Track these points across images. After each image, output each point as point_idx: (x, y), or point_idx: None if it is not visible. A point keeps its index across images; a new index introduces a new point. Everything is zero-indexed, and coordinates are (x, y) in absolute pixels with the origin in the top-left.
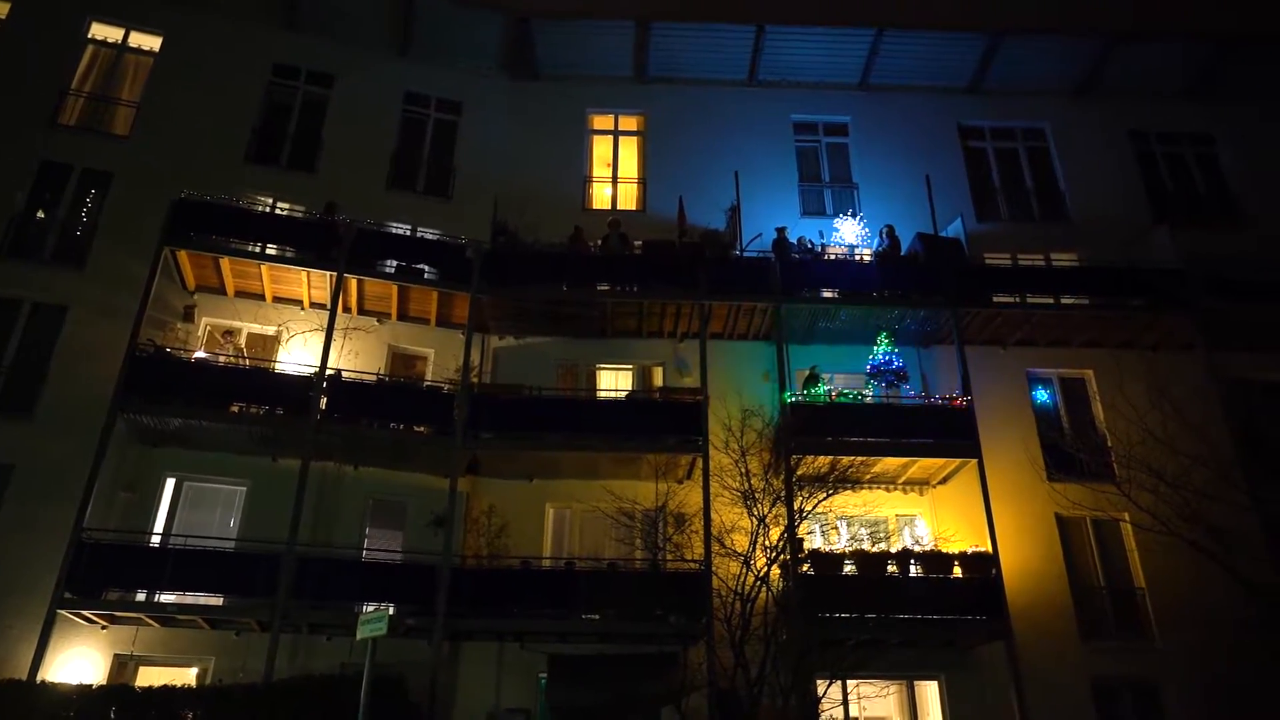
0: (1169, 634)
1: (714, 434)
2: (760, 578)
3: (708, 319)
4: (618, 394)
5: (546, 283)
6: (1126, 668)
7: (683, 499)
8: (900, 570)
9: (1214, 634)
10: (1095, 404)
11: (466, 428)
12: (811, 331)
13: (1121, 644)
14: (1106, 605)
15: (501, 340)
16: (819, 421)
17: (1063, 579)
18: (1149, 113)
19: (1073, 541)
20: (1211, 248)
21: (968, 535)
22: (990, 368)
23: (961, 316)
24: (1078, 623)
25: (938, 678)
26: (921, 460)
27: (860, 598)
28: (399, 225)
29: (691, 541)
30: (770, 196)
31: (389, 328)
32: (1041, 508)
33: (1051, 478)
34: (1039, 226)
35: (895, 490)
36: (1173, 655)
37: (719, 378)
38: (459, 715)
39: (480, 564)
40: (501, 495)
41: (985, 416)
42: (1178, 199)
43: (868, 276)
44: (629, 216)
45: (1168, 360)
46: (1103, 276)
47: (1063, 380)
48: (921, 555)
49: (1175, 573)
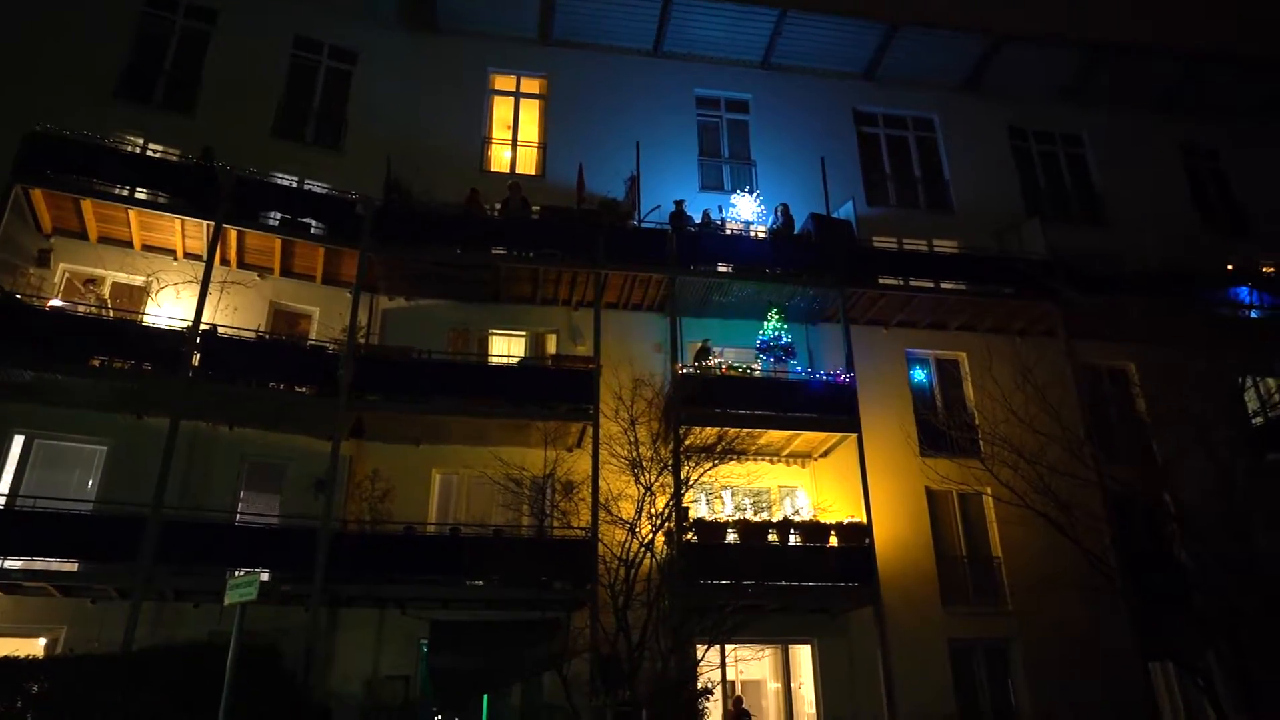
0: (1019, 599)
1: (605, 403)
2: (645, 545)
3: (603, 288)
4: (510, 360)
5: (440, 244)
6: (981, 630)
7: (571, 466)
8: (780, 539)
9: (1058, 598)
10: (966, 384)
11: (351, 389)
12: (705, 305)
13: (978, 608)
14: (966, 573)
15: (391, 301)
16: (708, 393)
17: (929, 548)
18: (1027, 111)
19: (940, 513)
20: (1075, 241)
21: (845, 506)
22: (873, 347)
23: (849, 296)
24: (940, 589)
25: (811, 641)
26: (805, 434)
27: (741, 565)
28: (284, 176)
29: (579, 509)
30: (670, 169)
31: (271, 283)
32: (913, 481)
33: (924, 453)
34: (924, 214)
35: (779, 462)
36: (1021, 618)
37: (612, 347)
38: (336, 683)
39: (363, 529)
40: (387, 459)
41: (866, 393)
42: (1049, 194)
43: (762, 253)
44: (528, 181)
45: (1032, 345)
46: (980, 264)
47: (938, 361)
48: (801, 525)
49: (1028, 542)
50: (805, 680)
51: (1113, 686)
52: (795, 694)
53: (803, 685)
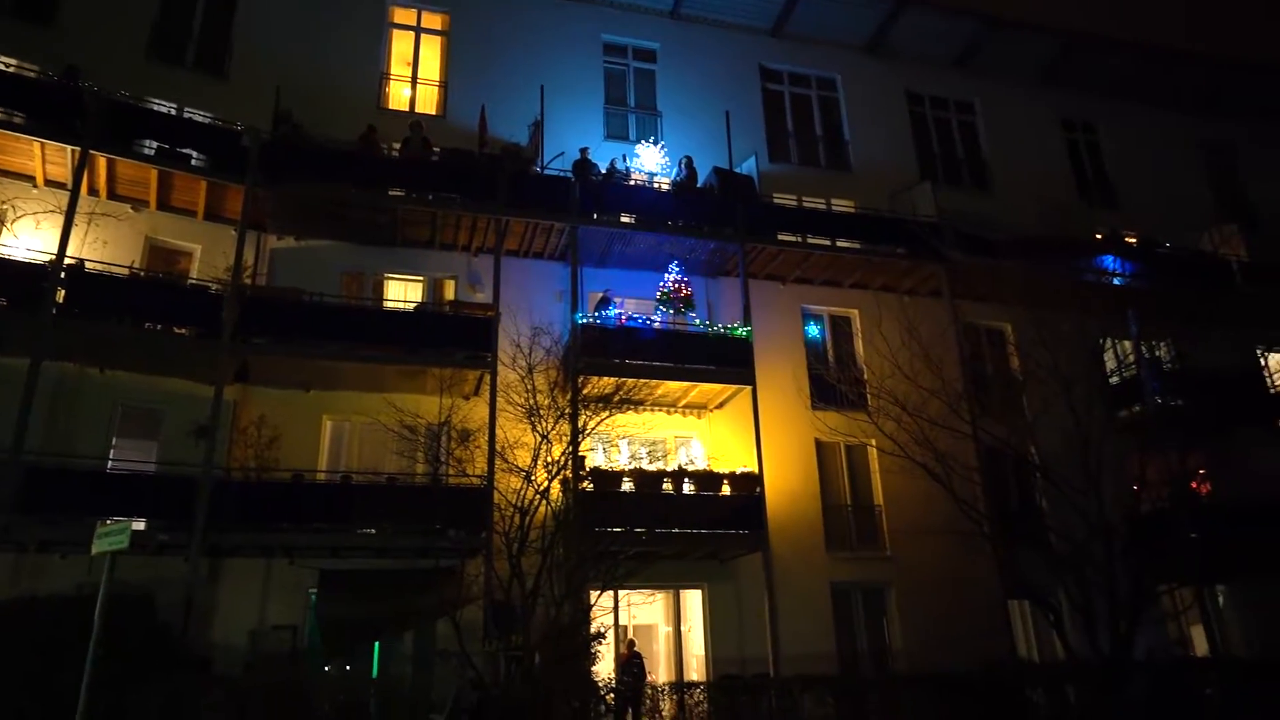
0: (897, 544)
1: (503, 351)
2: (541, 493)
3: (504, 234)
4: (406, 305)
5: (334, 182)
6: (861, 573)
7: (468, 414)
8: (675, 488)
9: (932, 543)
10: (857, 340)
11: (236, 332)
12: (607, 255)
13: (859, 553)
14: (850, 520)
15: (280, 241)
16: (608, 344)
17: (816, 497)
18: (925, 77)
19: (827, 463)
20: (963, 205)
21: (738, 456)
22: (770, 302)
23: (748, 251)
24: (825, 535)
25: (701, 586)
26: (702, 385)
27: (636, 513)
28: (162, 102)
29: (475, 457)
30: (575, 116)
31: (147, 217)
32: (804, 433)
33: (815, 406)
34: (824, 172)
35: (675, 413)
36: (898, 562)
37: (512, 295)
38: (219, 634)
39: (247, 477)
40: (274, 405)
41: (762, 347)
42: (941, 159)
43: (665, 205)
44: (428, 122)
45: (919, 304)
46: (874, 224)
47: (831, 317)
48: (695, 474)
49: (907, 491)
50: (695, 624)
51: (977, 623)
52: (685, 637)
53: (692, 629)
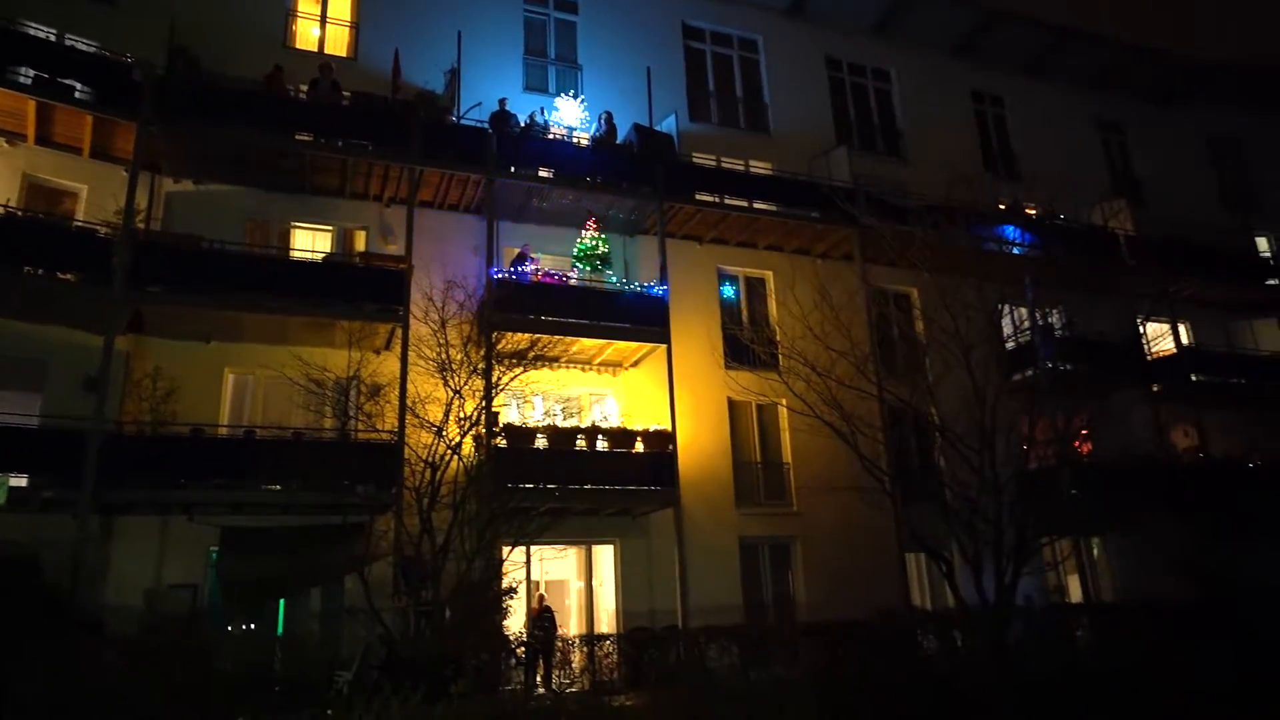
0: (803, 500)
1: (416, 304)
2: (453, 448)
3: (418, 185)
4: (314, 255)
5: (236, 124)
6: (769, 528)
7: (378, 368)
8: (589, 444)
9: (836, 499)
10: (770, 301)
11: (129, 279)
12: (524, 209)
13: (767, 509)
14: (759, 477)
15: (177, 184)
16: (523, 299)
17: (727, 454)
18: (844, 43)
19: (739, 421)
20: (876, 172)
21: (652, 414)
22: (687, 261)
23: (666, 210)
24: (735, 492)
25: (614, 542)
26: (617, 343)
27: (549, 469)
28: (39, 27)
29: (385, 412)
30: (493, 65)
31: (24, 152)
32: (717, 392)
33: (728, 365)
34: (743, 134)
35: (590, 370)
36: (805, 517)
37: (426, 247)
38: (113, 595)
39: (142, 431)
40: (171, 357)
41: (678, 306)
42: (858, 125)
43: (584, 160)
44: (338, 64)
45: (831, 267)
46: (791, 188)
47: (746, 279)
48: (609, 431)
49: (814, 449)
50: (607, 579)
51: (876, 574)
52: (597, 592)
53: (604, 584)
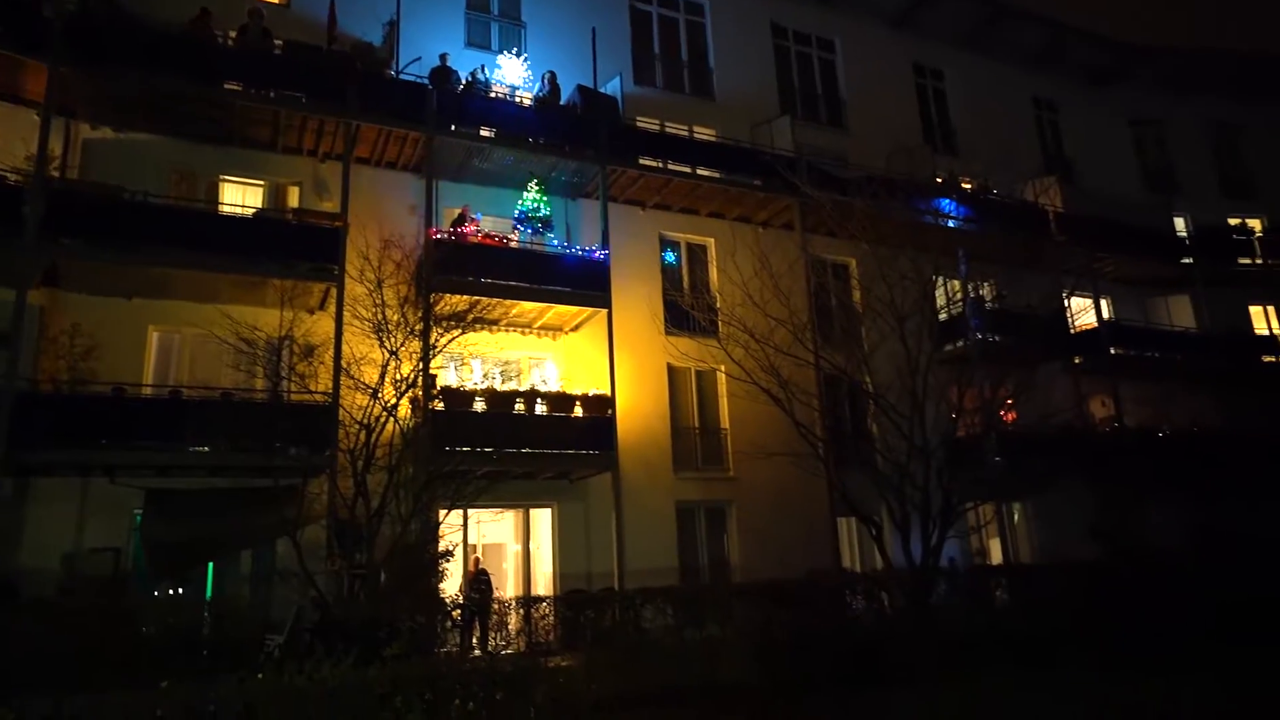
0: (740, 465)
1: (351, 263)
2: (389, 410)
3: (354, 140)
4: (245, 210)
5: (159, 69)
6: (705, 493)
7: (311, 328)
8: (528, 408)
9: (772, 464)
10: (711, 268)
11: (42, 230)
12: (464, 169)
13: (704, 473)
14: (697, 442)
15: (95, 131)
16: (463, 261)
17: (666, 419)
18: (790, 10)
19: (678, 387)
20: (818, 141)
21: (591, 379)
22: (629, 226)
23: (610, 174)
24: (673, 456)
25: (551, 505)
26: (558, 307)
27: (488, 432)
28: None
29: (318, 372)
30: (434, 18)
31: None
32: (657, 358)
33: (668, 332)
34: (687, 99)
35: (530, 333)
36: (740, 482)
37: (363, 205)
38: (28, 558)
39: (59, 390)
40: (90, 313)
41: (619, 271)
42: (801, 93)
43: (526, 121)
44: (269, 10)
45: (772, 236)
46: (734, 155)
47: (688, 245)
48: (548, 395)
49: (751, 415)
50: (544, 542)
51: (809, 538)
52: (534, 555)
53: (541, 547)
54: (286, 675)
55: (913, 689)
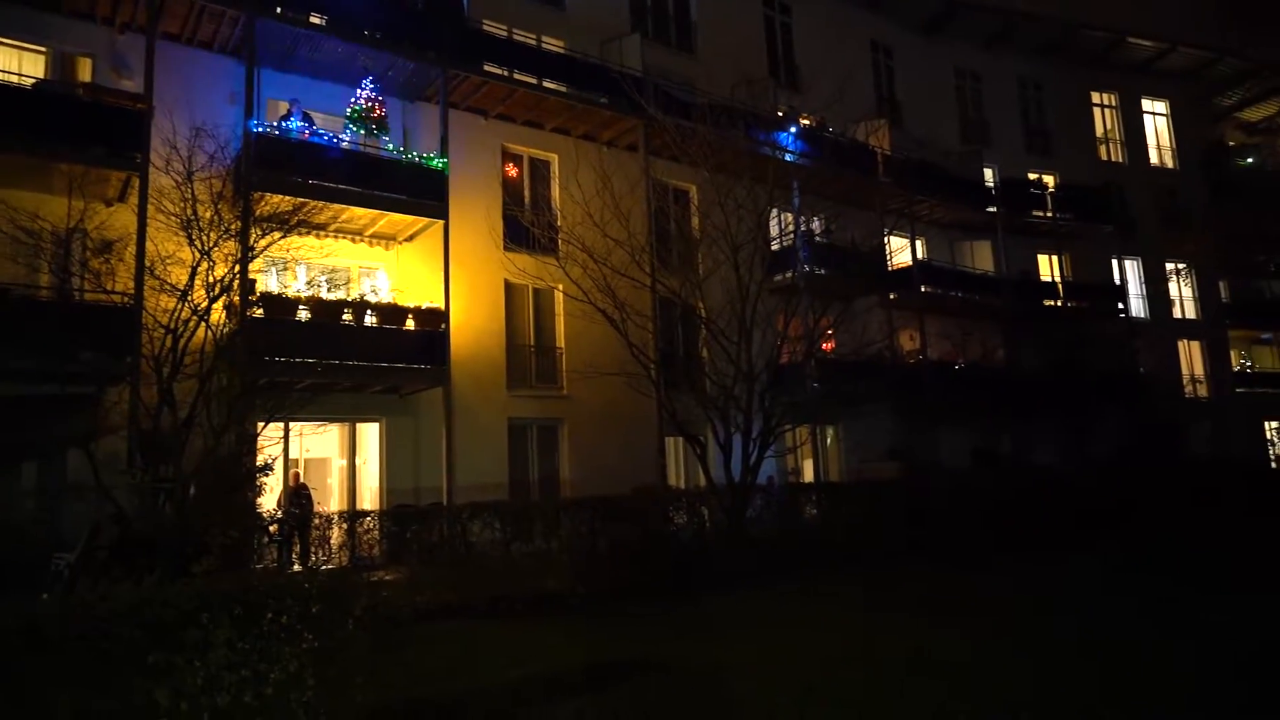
0: (573, 384)
1: (157, 152)
2: (200, 315)
3: (160, 11)
4: (22, 80)
5: None
6: (538, 410)
7: (108, 221)
8: (356, 319)
9: (605, 384)
10: (554, 185)
11: None
12: (292, 58)
13: (538, 391)
14: (532, 360)
15: None
16: (288, 159)
17: (501, 337)
18: None
19: (515, 304)
20: (667, 64)
21: (425, 292)
22: (470, 135)
23: (452, 78)
24: (507, 374)
25: (380, 420)
26: (392, 215)
27: (312, 343)
28: None
29: (117, 270)
30: None
31: None
32: (494, 273)
33: (507, 247)
34: (537, 6)
35: (361, 241)
36: (573, 400)
37: (172, 88)
38: None
39: None
40: None
41: (458, 182)
42: (653, 14)
43: (362, 11)
44: None
45: (615, 156)
46: (583, 70)
47: (531, 160)
48: (379, 307)
49: (586, 335)
50: (371, 457)
51: (637, 456)
52: (360, 470)
53: (367, 462)
54: (76, 595)
55: (730, 595)
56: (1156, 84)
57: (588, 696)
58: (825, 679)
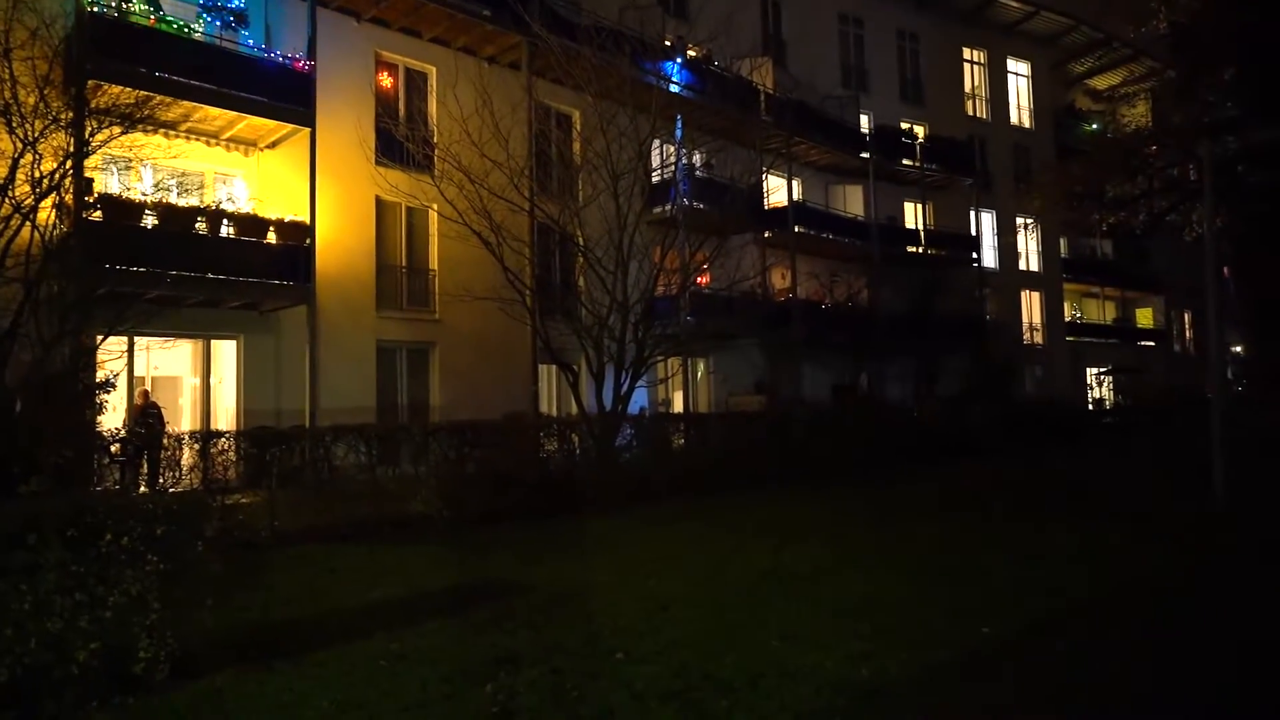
0: (446, 308)
1: None
2: (23, 213)
3: None
4: None
5: None
6: (409, 333)
7: None
8: (211, 229)
9: (479, 309)
10: (431, 99)
11: None
12: None
13: (409, 314)
14: (403, 281)
15: None
16: (132, 47)
17: (371, 256)
18: None
19: (386, 223)
20: None
21: (289, 204)
22: (340, 38)
23: None
24: (377, 294)
25: (237, 337)
26: (252, 119)
27: (161, 252)
28: None
29: None
30: None
31: None
32: (364, 189)
33: (379, 162)
34: None
35: (218, 145)
36: (445, 324)
37: None
38: None
39: None
40: None
41: (326, 88)
42: None
43: None
44: None
45: (497, 74)
46: None
47: (408, 71)
48: (237, 217)
49: (461, 258)
50: (228, 376)
51: (510, 383)
52: (215, 390)
53: (223, 381)
54: None
55: (598, 520)
56: (1021, 45)
57: (451, 617)
58: (686, 594)
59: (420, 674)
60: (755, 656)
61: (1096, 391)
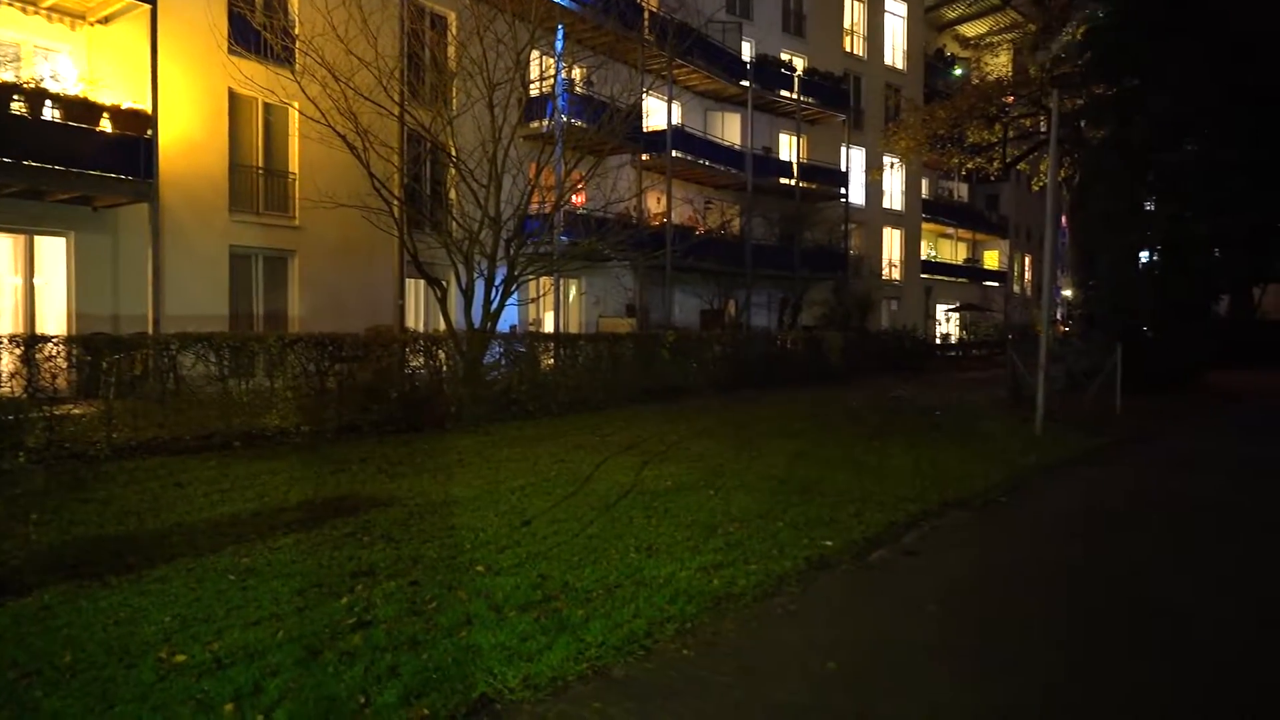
0: (307, 214)
1: None
2: None
3: None
4: None
5: None
6: (265, 240)
7: None
8: (32, 110)
9: (342, 216)
10: None
11: None
12: None
13: (265, 219)
14: (259, 183)
15: None
16: None
17: (224, 154)
18: None
19: (240, 119)
20: None
21: (129, 90)
22: None
23: None
24: (230, 196)
25: (67, 235)
26: None
27: None
28: None
29: None
30: None
31: None
32: (215, 79)
33: (232, 50)
34: None
35: (38, 13)
36: (306, 231)
37: None
38: None
39: None
40: None
41: None
42: None
43: None
44: None
45: None
46: None
47: None
48: (65, 100)
49: (324, 162)
50: (56, 277)
51: (375, 296)
52: (41, 291)
53: (50, 282)
54: None
55: (463, 436)
56: None
57: (306, 531)
58: (548, 510)
59: (272, 588)
60: (613, 569)
61: (944, 326)
